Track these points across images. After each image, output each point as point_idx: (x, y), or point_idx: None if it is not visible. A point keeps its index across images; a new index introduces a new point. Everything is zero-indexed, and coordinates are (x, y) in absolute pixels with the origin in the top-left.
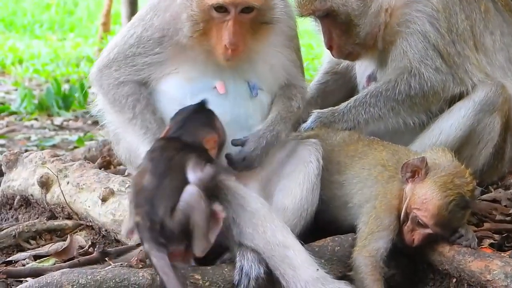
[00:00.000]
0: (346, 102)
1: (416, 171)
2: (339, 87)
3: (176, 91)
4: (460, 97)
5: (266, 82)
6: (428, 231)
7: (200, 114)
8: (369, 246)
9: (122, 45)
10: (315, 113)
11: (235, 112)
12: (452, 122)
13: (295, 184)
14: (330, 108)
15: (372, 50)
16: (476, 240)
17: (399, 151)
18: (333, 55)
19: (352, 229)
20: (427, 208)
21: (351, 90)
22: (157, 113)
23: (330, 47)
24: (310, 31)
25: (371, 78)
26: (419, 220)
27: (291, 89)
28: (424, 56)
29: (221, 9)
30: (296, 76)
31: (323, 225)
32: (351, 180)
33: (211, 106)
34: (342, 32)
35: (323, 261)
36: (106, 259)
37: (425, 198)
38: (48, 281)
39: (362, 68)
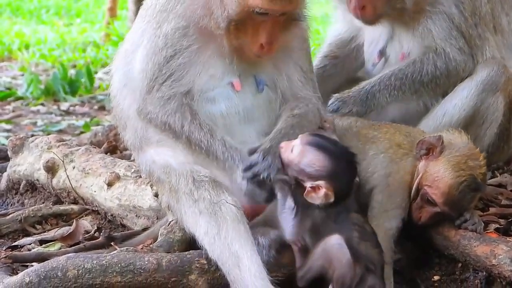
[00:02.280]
0: (367, 85)
1: (431, 148)
2: (338, 72)
3: (200, 88)
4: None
5: (278, 79)
6: (436, 209)
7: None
8: (383, 226)
9: (154, 54)
10: (334, 97)
11: (246, 106)
12: (456, 103)
13: None
14: (348, 91)
15: (398, 19)
16: (482, 224)
17: (412, 132)
18: (359, 16)
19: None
20: (438, 186)
21: (350, 73)
22: (204, 126)
23: (362, 7)
24: (317, 17)
25: (382, 54)
26: (429, 198)
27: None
28: (448, 36)
29: (264, 13)
30: (307, 81)
31: None
32: (365, 165)
33: (226, 101)
34: None
35: None
36: (112, 244)
37: (437, 176)
38: (54, 265)
39: (372, 45)
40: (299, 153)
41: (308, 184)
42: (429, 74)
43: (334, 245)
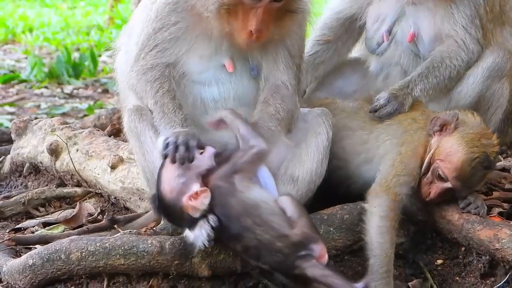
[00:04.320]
0: (415, 74)
1: (445, 125)
2: (329, 57)
3: (190, 68)
4: None
5: (264, 65)
6: (447, 185)
7: None
8: (394, 189)
9: (145, 26)
10: (388, 91)
11: (239, 89)
12: (461, 89)
13: (306, 156)
14: (398, 83)
15: None
16: (485, 208)
17: (427, 111)
18: None
19: (364, 189)
20: (451, 161)
21: (342, 55)
22: (177, 99)
23: None
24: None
25: (390, 33)
26: (440, 172)
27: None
28: (470, 25)
29: None
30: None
31: (334, 188)
32: (378, 135)
33: (219, 83)
34: None
35: (331, 229)
36: (115, 226)
37: (451, 151)
38: (57, 248)
39: (377, 24)
40: None
41: None
42: (455, 68)
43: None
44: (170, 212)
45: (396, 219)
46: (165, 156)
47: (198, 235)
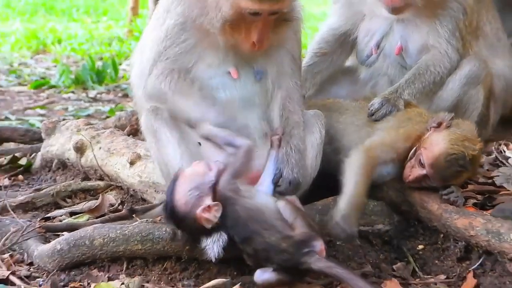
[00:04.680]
0: (403, 80)
1: (441, 123)
2: (325, 67)
3: (200, 75)
4: None
5: (269, 69)
6: (423, 172)
7: None
8: (374, 151)
9: (156, 44)
10: (380, 97)
11: (244, 93)
12: (442, 94)
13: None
14: (389, 89)
15: (419, 11)
16: (463, 199)
17: (423, 113)
18: (392, 2)
19: None
20: (432, 150)
21: (337, 66)
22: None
23: None
24: (317, 15)
25: (378, 47)
26: (420, 159)
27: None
28: (451, 37)
29: (255, 13)
30: (294, 72)
31: (333, 178)
32: (383, 126)
33: (225, 87)
34: None
35: (325, 218)
36: (134, 215)
37: (435, 142)
38: (82, 235)
39: (367, 38)
40: None
41: None
42: (439, 74)
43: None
44: (182, 222)
45: (370, 175)
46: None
47: (210, 248)
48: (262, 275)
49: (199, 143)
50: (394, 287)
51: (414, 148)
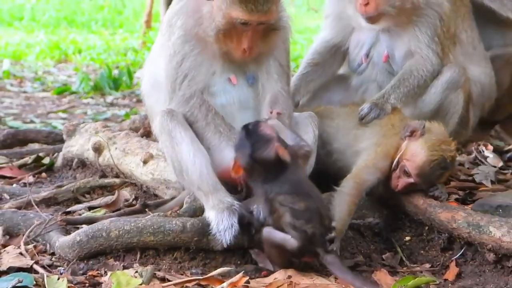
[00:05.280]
0: (385, 93)
1: (414, 131)
2: (318, 76)
3: (208, 83)
4: None
5: (260, 75)
6: (410, 180)
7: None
8: (360, 176)
9: (169, 61)
10: (369, 102)
11: (240, 96)
12: (425, 98)
13: None
14: (376, 95)
15: (395, 19)
16: (447, 195)
17: (405, 119)
18: (363, 12)
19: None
20: (415, 161)
21: (328, 76)
22: (223, 118)
23: (366, 3)
24: (312, 28)
25: (367, 56)
26: (406, 169)
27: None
28: (431, 42)
29: (245, 23)
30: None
31: (333, 178)
32: (366, 133)
33: (226, 94)
34: None
35: None
36: (146, 210)
37: (415, 153)
38: (99, 227)
39: (357, 49)
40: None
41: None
42: (422, 78)
43: (265, 233)
44: (259, 144)
45: (358, 198)
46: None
47: (222, 235)
48: (270, 232)
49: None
50: (383, 276)
51: (396, 159)
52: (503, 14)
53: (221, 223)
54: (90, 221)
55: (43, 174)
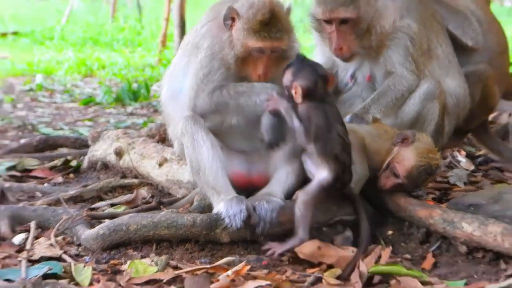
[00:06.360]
0: (369, 99)
1: (405, 139)
2: None
3: None
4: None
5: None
6: (398, 181)
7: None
8: (356, 170)
9: (195, 74)
10: (350, 113)
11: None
12: (405, 109)
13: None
14: (358, 108)
15: (368, 53)
16: (426, 195)
17: (394, 130)
18: (339, 55)
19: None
20: (404, 164)
21: None
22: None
23: (340, 48)
24: (307, 47)
25: (352, 77)
26: (395, 171)
27: None
28: (405, 61)
29: (260, 50)
30: None
31: None
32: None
33: None
34: (357, 36)
35: (315, 210)
36: (161, 207)
37: (405, 157)
38: (120, 222)
39: (344, 72)
40: (284, 77)
41: (292, 91)
42: (399, 92)
43: (301, 194)
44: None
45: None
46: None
47: (233, 219)
48: (304, 190)
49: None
50: (369, 264)
51: (387, 161)
52: (464, 41)
53: (231, 209)
54: (111, 216)
55: (71, 175)
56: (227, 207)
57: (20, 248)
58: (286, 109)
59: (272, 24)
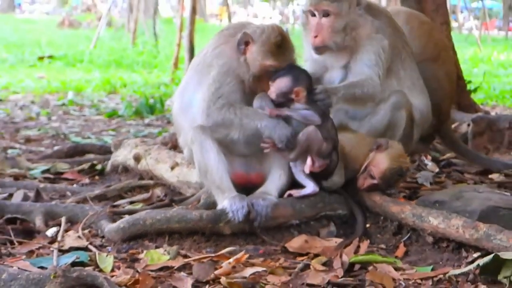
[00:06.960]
0: (341, 85)
1: (380, 146)
2: None
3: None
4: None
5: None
6: (374, 181)
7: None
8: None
9: (208, 89)
10: (323, 86)
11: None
12: (377, 117)
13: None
14: (329, 87)
15: (341, 53)
16: (398, 193)
17: (373, 139)
18: (314, 42)
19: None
20: (379, 167)
21: None
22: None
23: (315, 36)
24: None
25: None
26: (371, 173)
27: None
28: (375, 65)
29: (275, 69)
30: None
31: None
32: (344, 139)
33: None
34: (334, 31)
35: (303, 205)
36: (173, 204)
37: (380, 161)
38: (138, 217)
39: (330, 83)
40: (280, 85)
41: (293, 96)
42: (365, 89)
43: (311, 129)
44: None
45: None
46: None
47: (236, 212)
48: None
49: None
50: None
51: (365, 165)
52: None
53: (234, 205)
54: (131, 212)
55: (96, 177)
56: (231, 203)
57: (52, 240)
58: (288, 110)
59: (284, 45)
